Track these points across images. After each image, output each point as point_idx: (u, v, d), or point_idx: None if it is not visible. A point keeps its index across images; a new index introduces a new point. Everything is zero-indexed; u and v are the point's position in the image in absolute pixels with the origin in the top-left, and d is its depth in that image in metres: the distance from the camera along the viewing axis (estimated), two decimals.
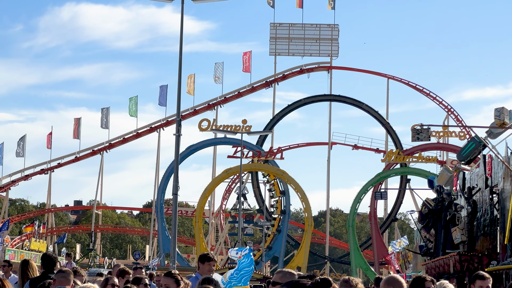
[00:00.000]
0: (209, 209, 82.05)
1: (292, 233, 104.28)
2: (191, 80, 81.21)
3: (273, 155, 71.71)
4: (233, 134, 61.57)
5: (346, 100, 79.34)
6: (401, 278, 6.83)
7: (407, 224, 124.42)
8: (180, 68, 23.39)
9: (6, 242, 55.91)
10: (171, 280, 8.85)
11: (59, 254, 68.55)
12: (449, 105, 78.81)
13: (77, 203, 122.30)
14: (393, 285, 6.78)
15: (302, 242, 70.85)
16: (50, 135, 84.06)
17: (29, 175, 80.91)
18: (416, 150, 71.81)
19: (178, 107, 23.65)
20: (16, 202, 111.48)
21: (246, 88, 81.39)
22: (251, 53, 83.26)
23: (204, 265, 10.56)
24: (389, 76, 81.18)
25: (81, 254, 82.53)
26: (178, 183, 23.18)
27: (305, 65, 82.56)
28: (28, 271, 10.79)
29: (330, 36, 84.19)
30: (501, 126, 28.62)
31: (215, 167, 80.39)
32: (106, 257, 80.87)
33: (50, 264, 10.76)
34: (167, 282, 8.87)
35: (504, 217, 26.18)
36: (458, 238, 30.48)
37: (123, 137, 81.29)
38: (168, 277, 8.91)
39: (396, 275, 6.97)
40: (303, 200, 69.49)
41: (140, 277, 11.51)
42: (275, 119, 78.76)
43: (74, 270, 10.22)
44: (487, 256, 27.39)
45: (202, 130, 73.22)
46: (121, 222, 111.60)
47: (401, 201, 76.93)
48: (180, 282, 8.88)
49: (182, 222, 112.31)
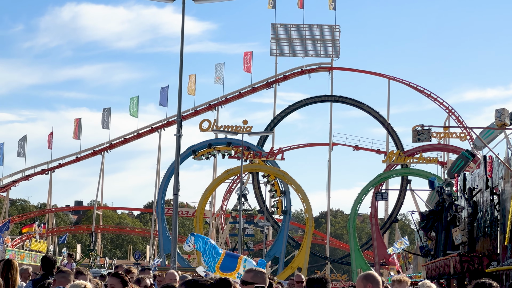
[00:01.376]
0: (209, 209, 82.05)
1: (293, 233, 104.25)
2: (192, 81, 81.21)
3: (274, 156, 71.69)
4: (234, 135, 61.68)
5: (347, 100, 79.34)
6: (377, 275, 7.02)
7: (407, 225, 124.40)
8: (181, 68, 23.39)
9: (6, 242, 55.93)
10: (117, 280, 8.42)
11: (60, 254, 68.57)
12: (450, 106, 78.79)
13: (78, 204, 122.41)
14: (371, 281, 6.94)
15: (303, 243, 70.84)
16: (51, 135, 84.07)
17: (30, 175, 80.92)
18: (417, 151, 71.80)
19: (179, 108, 23.66)
20: (17, 202, 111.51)
21: (247, 88, 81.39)
22: (252, 54, 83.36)
23: None
24: (390, 77, 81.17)
25: (82, 254, 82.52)
26: (179, 184, 23.18)
27: (306, 66, 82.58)
28: (10, 272, 10.59)
29: (331, 36, 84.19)
30: (502, 127, 28.62)
31: (215, 167, 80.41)
32: (106, 257, 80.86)
33: (49, 266, 11.01)
34: (112, 282, 8.44)
35: (505, 218, 26.18)
36: (458, 239, 30.49)
37: (124, 137, 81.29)
38: (114, 278, 8.49)
39: (373, 272, 7.17)
40: (303, 200, 69.48)
41: (142, 277, 11.51)
42: (276, 119, 78.75)
43: (77, 271, 10.24)
44: (488, 257, 27.38)
45: (202, 130, 73.20)
46: (121, 223, 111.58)
47: (402, 202, 76.91)
48: (127, 282, 8.42)
49: (182, 223, 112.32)
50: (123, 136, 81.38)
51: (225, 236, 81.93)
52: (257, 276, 6.78)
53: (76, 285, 7.76)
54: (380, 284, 6.99)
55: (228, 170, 71.06)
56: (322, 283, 8.16)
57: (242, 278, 7.01)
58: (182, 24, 23.31)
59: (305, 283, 9.34)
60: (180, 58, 23.34)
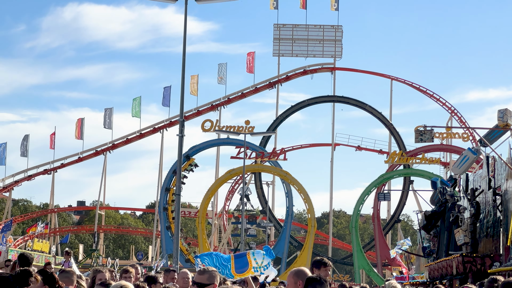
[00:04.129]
0: (212, 210, 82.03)
1: (295, 234, 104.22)
2: (194, 81, 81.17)
3: (276, 156, 71.67)
4: (236, 135, 61.65)
5: (349, 101, 79.30)
6: (308, 271, 7.22)
7: (410, 225, 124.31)
8: (184, 68, 23.40)
9: (9, 242, 55.94)
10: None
11: (62, 254, 68.58)
12: (452, 106, 78.72)
13: (80, 204, 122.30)
14: (301, 278, 7.06)
15: (305, 243, 70.81)
16: (53, 135, 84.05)
17: (32, 175, 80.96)
18: (419, 152, 71.75)
19: (181, 108, 23.67)
20: (19, 202, 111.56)
21: (250, 89, 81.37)
22: (254, 54, 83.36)
23: (320, 270, 9.96)
24: (392, 77, 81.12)
25: (84, 254, 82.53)
26: (181, 184, 23.19)
27: (308, 66, 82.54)
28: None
29: (334, 37, 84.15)
30: (504, 127, 28.61)
31: (218, 168, 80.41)
32: (109, 257, 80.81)
33: (26, 264, 11.92)
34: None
35: (507, 218, 26.15)
36: (461, 239, 30.45)
37: (126, 137, 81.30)
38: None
39: (304, 268, 7.34)
40: (306, 201, 69.45)
41: (154, 276, 11.51)
42: (278, 120, 78.73)
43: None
44: (490, 258, 27.36)
45: (205, 130, 73.19)
46: (124, 223, 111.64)
47: (404, 202, 76.85)
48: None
49: (185, 223, 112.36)
50: (125, 136, 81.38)
51: (227, 237, 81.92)
52: (213, 276, 6.75)
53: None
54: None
55: (230, 171, 71.04)
56: (320, 283, 8.20)
57: (197, 280, 6.95)
58: (184, 24, 23.32)
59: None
60: (182, 58, 23.35)
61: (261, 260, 11.49)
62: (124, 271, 11.89)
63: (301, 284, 7.04)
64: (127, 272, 11.82)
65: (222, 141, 75.91)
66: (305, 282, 6.74)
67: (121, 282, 7.89)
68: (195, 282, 7.07)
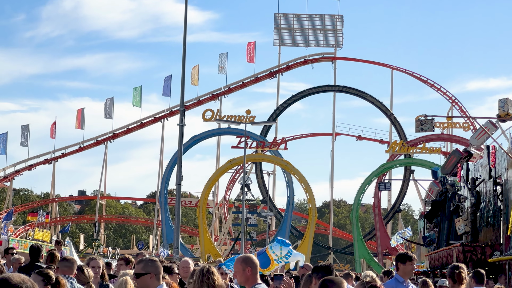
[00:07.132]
0: (213, 199, 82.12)
1: (296, 224, 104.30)
2: (195, 71, 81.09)
3: (277, 146, 71.68)
4: (237, 124, 61.63)
5: (350, 90, 79.25)
6: (255, 258, 7.03)
7: (411, 215, 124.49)
8: (184, 58, 23.37)
9: (10, 232, 56.06)
10: (39, 278, 7.61)
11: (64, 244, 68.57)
12: (453, 96, 78.67)
13: (81, 193, 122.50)
14: (250, 265, 6.92)
15: (306, 233, 70.90)
16: (53, 125, 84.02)
17: (33, 165, 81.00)
18: (420, 141, 71.75)
19: (182, 97, 23.66)
20: (20, 192, 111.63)
21: (250, 78, 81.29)
22: (255, 44, 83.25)
23: (405, 265, 9.64)
24: (393, 67, 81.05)
25: (85, 244, 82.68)
26: (182, 173, 23.20)
27: (309, 56, 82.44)
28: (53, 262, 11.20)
29: (335, 26, 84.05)
30: (505, 117, 28.58)
31: (219, 157, 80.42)
32: (110, 247, 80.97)
33: (35, 255, 12.22)
34: (35, 279, 7.55)
35: (508, 208, 26.19)
36: (461, 228, 30.49)
37: (127, 127, 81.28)
38: (37, 275, 7.72)
39: (251, 255, 7.16)
40: (307, 190, 69.48)
41: (170, 266, 11.29)
42: (279, 109, 78.69)
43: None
44: (490, 247, 27.41)
45: (206, 120, 73.18)
46: (125, 212, 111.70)
47: (405, 192, 76.90)
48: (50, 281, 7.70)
49: (185, 213, 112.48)
50: (126, 126, 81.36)
51: (228, 226, 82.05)
52: (148, 265, 6.70)
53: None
54: (257, 264, 6.98)
55: (231, 160, 71.06)
56: (328, 271, 8.22)
57: (134, 271, 6.89)
58: (185, 14, 23.28)
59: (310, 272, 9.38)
60: (183, 47, 23.32)
61: (279, 251, 11.52)
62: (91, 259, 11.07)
63: (249, 271, 6.88)
64: (129, 262, 11.68)
65: (223, 130, 75.92)
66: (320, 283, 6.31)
67: (127, 272, 7.81)
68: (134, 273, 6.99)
